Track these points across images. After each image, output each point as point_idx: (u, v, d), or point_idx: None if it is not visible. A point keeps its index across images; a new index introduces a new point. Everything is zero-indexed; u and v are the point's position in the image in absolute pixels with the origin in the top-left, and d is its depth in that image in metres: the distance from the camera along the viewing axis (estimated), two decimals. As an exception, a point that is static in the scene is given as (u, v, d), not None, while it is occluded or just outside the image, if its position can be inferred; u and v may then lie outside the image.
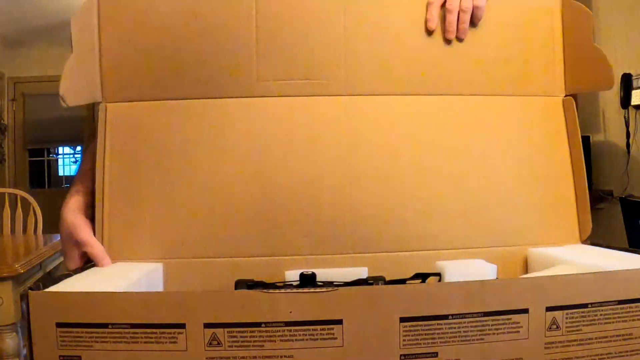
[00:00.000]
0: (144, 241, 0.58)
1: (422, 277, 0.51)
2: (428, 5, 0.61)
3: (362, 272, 0.57)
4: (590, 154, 2.80)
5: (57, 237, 2.26)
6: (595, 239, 0.63)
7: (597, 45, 0.62)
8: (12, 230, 2.58)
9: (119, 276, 0.51)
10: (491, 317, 0.42)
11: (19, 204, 2.60)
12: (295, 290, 0.41)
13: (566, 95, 0.65)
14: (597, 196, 2.77)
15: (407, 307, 0.41)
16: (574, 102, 0.65)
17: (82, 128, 4.09)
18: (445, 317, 0.41)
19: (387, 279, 0.53)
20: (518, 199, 0.62)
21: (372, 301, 0.41)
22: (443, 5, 0.61)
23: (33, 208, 2.60)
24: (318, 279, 0.53)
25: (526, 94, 0.64)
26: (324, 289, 0.41)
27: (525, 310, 0.42)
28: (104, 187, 0.59)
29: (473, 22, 0.62)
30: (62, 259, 2.36)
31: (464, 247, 0.59)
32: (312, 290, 0.41)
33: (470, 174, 0.62)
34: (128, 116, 0.60)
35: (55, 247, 2.12)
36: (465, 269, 0.52)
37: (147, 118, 0.60)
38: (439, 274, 0.52)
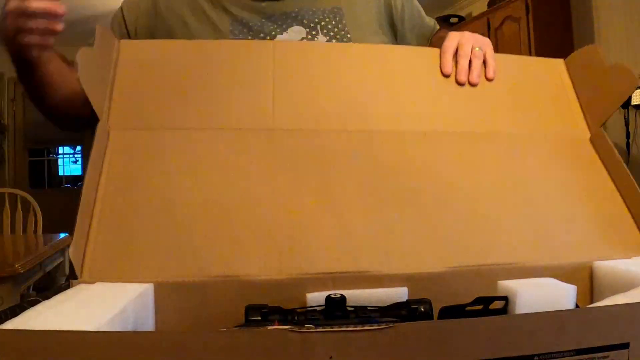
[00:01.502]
0: (133, 257, 0.44)
1: (485, 301, 0.38)
2: (442, 53, 0.61)
3: (401, 294, 0.43)
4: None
5: (58, 237, 2.15)
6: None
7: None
8: (12, 230, 2.47)
9: (101, 303, 0.37)
10: (586, 356, 0.31)
11: (19, 204, 2.51)
12: (336, 329, 0.28)
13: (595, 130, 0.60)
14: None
15: (484, 347, 0.30)
16: (604, 135, 0.58)
17: (83, 129, 3.93)
18: (529, 358, 0.30)
19: (434, 302, 0.40)
20: (573, 212, 0.52)
21: (440, 340, 0.29)
22: (456, 54, 0.61)
23: (33, 208, 2.50)
24: (348, 302, 0.40)
25: (551, 135, 0.60)
26: (375, 326, 0.28)
27: (626, 345, 0.32)
28: (96, 202, 0.47)
29: (488, 76, 0.61)
30: (62, 259, 2.22)
31: (521, 261, 0.46)
32: (359, 327, 0.28)
33: (521, 190, 0.53)
34: (132, 142, 0.52)
35: (55, 247, 2.03)
36: (538, 292, 0.39)
37: (154, 143, 0.52)
38: (505, 298, 0.39)
